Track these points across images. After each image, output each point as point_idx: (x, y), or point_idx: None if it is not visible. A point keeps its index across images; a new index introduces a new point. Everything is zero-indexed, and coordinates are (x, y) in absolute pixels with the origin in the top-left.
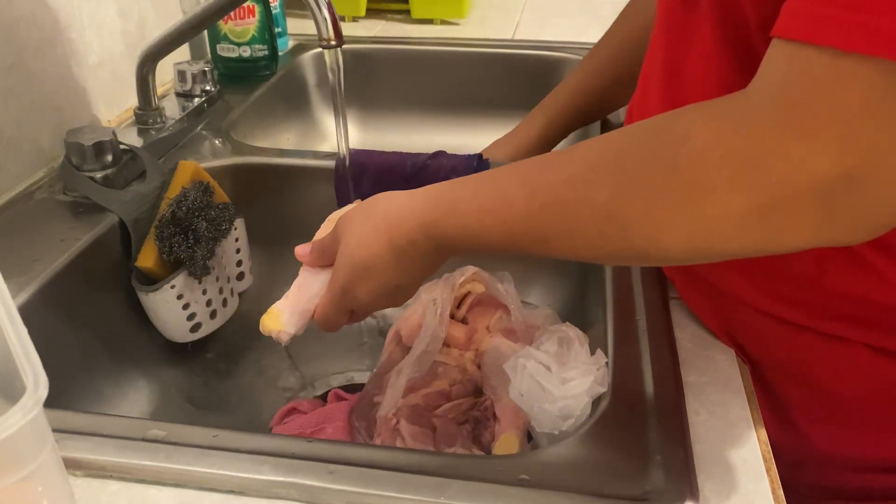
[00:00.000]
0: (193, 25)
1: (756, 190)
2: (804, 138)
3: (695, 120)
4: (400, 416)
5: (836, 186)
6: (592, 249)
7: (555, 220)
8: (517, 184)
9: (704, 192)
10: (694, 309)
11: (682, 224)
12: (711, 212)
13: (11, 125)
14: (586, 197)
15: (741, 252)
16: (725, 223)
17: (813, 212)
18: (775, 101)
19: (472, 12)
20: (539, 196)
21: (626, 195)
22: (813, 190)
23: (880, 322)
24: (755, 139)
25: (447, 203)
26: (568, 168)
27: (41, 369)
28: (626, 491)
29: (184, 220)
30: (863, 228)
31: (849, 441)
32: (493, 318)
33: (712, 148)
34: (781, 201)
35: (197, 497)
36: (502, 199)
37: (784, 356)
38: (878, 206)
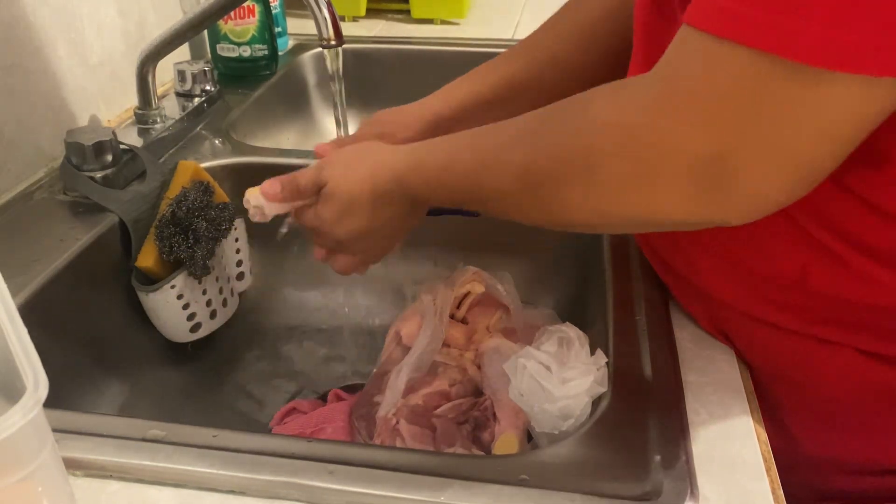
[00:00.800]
0: (193, 25)
1: (635, 159)
2: (677, 115)
3: (597, 93)
4: (400, 416)
5: (707, 164)
6: (517, 206)
7: (487, 178)
8: (467, 146)
9: (593, 155)
10: (689, 310)
11: (578, 186)
12: (597, 175)
13: (11, 125)
14: (508, 159)
15: (630, 219)
16: (610, 187)
17: (686, 186)
18: (660, 78)
19: (472, 12)
20: (479, 156)
21: (535, 156)
22: (684, 165)
23: (867, 325)
24: (638, 111)
25: (416, 159)
26: (503, 133)
27: (41, 369)
28: (626, 491)
29: (184, 219)
30: (740, 209)
31: (840, 444)
32: (493, 318)
33: (604, 117)
34: (656, 172)
35: (197, 497)
36: (454, 158)
37: (774, 359)
38: (750, 187)
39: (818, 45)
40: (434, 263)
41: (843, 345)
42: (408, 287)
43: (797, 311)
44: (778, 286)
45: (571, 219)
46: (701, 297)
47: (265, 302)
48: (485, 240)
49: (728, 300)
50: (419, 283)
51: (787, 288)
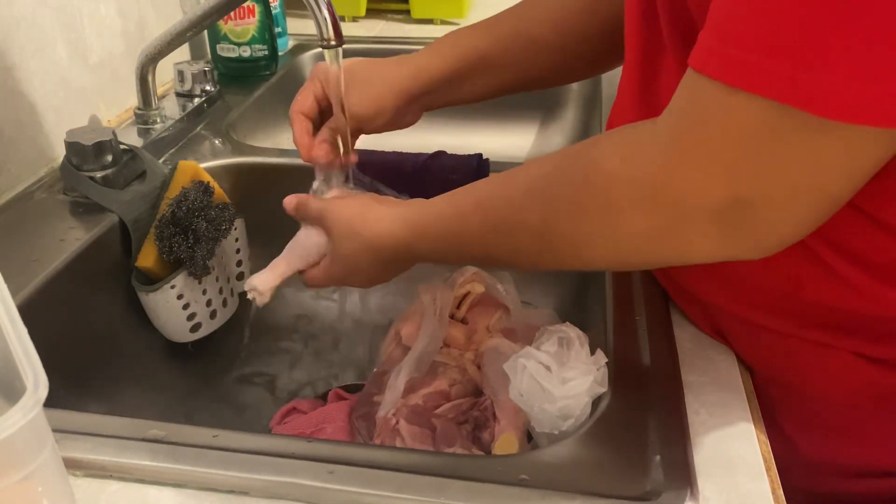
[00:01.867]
0: (193, 25)
1: (656, 211)
2: (695, 165)
3: (607, 146)
4: (399, 417)
5: (728, 209)
6: (532, 264)
7: (501, 240)
8: (473, 207)
9: (614, 213)
10: (687, 313)
11: (599, 242)
12: (621, 231)
13: (11, 125)
14: (522, 220)
15: (655, 263)
16: (634, 240)
17: (709, 231)
18: (673, 127)
19: (472, 12)
20: (489, 218)
21: (552, 218)
22: (706, 212)
23: (862, 330)
24: (654, 164)
25: (419, 227)
26: (510, 191)
27: (41, 369)
28: (626, 491)
29: (184, 220)
30: (762, 245)
31: (836, 446)
32: (492, 318)
33: (618, 172)
34: (679, 222)
35: (197, 497)
36: (461, 223)
37: (770, 362)
38: (771, 227)
39: (841, 99)
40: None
41: (838, 348)
42: (408, 287)
43: (792, 317)
44: (773, 295)
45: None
46: (695, 301)
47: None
48: None
49: (721, 304)
50: (419, 282)
51: (781, 297)
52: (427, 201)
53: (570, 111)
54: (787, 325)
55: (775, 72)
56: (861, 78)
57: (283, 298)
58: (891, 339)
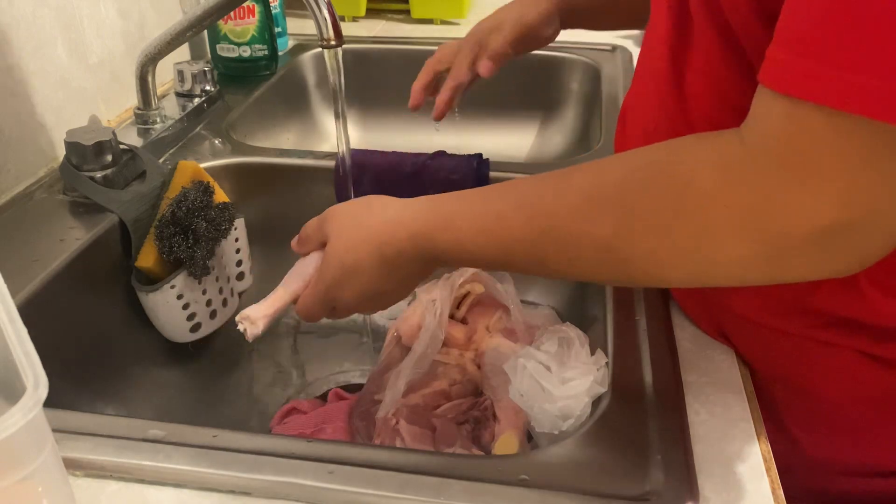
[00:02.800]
0: (193, 25)
1: (760, 238)
2: (806, 190)
3: (697, 162)
4: (399, 417)
5: (833, 235)
6: (591, 275)
7: (554, 246)
8: (514, 206)
9: (708, 238)
10: (689, 313)
11: (684, 263)
12: (715, 256)
13: (11, 125)
14: (587, 231)
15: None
16: (727, 266)
17: (812, 255)
18: (777, 152)
19: (472, 12)
20: (537, 222)
21: (628, 234)
22: (814, 237)
23: (867, 330)
24: (759, 190)
25: (443, 216)
26: (567, 197)
27: (41, 369)
28: (626, 491)
29: (184, 219)
30: (857, 264)
31: (837, 446)
32: (492, 318)
33: (717, 196)
34: (783, 248)
35: (197, 497)
36: (499, 220)
37: (773, 361)
38: (871, 246)
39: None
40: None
41: (843, 347)
42: None
43: (796, 316)
44: (784, 299)
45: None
46: (700, 300)
47: None
48: None
49: (727, 303)
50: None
51: (792, 300)
52: (450, 194)
53: (570, 111)
54: (791, 324)
55: (882, 91)
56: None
57: None
58: (894, 340)
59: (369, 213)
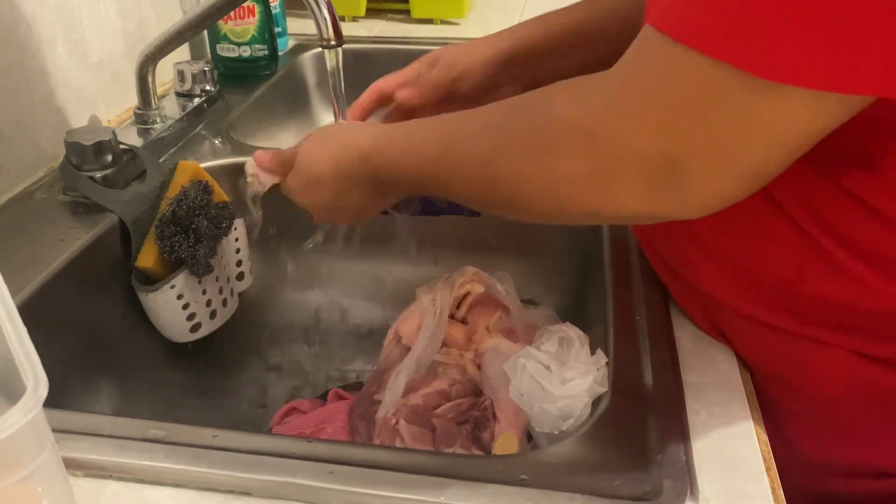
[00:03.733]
0: (193, 25)
1: (590, 157)
2: (632, 115)
3: (560, 89)
4: (399, 417)
5: (658, 166)
6: (478, 196)
7: (450, 166)
8: (432, 132)
9: (553, 154)
10: (686, 310)
11: (537, 181)
12: (556, 172)
13: (11, 125)
14: (472, 149)
15: (586, 214)
16: (566, 183)
17: (638, 184)
18: (618, 76)
19: (472, 12)
20: (442, 144)
21: (498, 150)
22: (635, 163)
23: (863, 328)
24: (596, 110)
25: (381, 141)
26: (468, 123)
27: (41, 369)
28: (626, 491)
29: (184, 219)
30: (687, 205)
31: (835, 446)
32: (492, 318)
33: (561, 114)
34: (609, 170)
35: (197, 497)
36: (419, 144)
37: (769, 360)
38: (699, 188)
39: (770, 58)
40: (434, 263)
41: (837, 346)
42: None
43: (791, 312)
44: (773, 286)
45: (529, 210)
46: (698, 296)
47: (265, 302)
48: (485, 240)
49: (723, 299)
50: (419, 283)
51: (782, 288)
52: (397, 123)
53: None
54: (788, 321)
55: (714, 27)
56: (799, 40)
57: (283, 298)
58: (890, 338)
59: (336, 132)
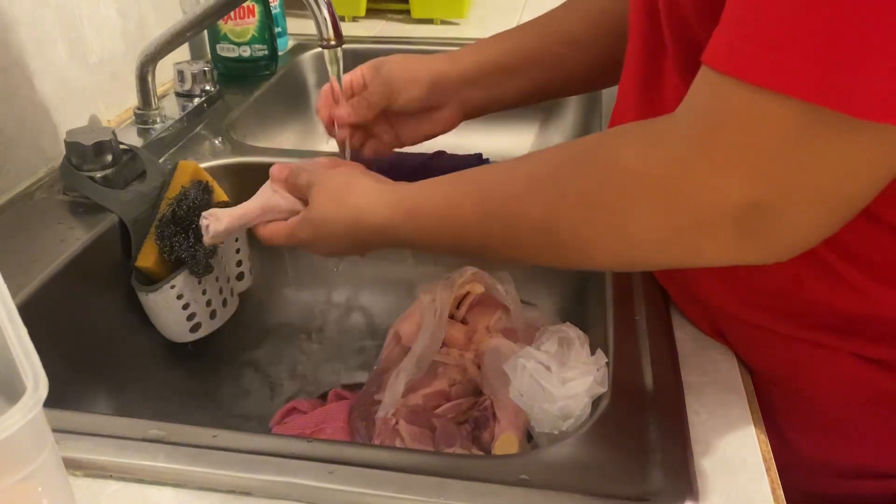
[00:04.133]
0: (193, 25)
1: (673, 212)
2: (718, 167)
3: (624, 142)
4: (399, 417)
5: (748, 213)
6: (531, 258)
7: (497, 229)
8: (467, 192)
9: (627, 213)
10: (687, 313)
11: (608, 241)
12: (634, 231)
13: (11, 125)
14: (525, 211)
15: (664, 266)
16: (647, 242)
17: (727, 234)
18: (695, 127)
19: (472, 12)
20: (485, 207)
21: (558, 212)
22: (726, 215)
23: (862, 331)
24: (675, 163)
25: (406, 209)
26: (512, 180)
27: (41, 369)
28: (626, 491)
29: (185, 219)
30: (777, 250)
31: (833, 447)
32: (492, 318)
33: (637, 169)
34: (697, 224)
35: (197, 497)
36: (454, 208)
37: (769, 362)
38: (790, 232)
39: (875, 98)
40: (434, 263)
41: (837, 349)
42: (408, 287)
43: (791, 317)
44: (772, 294)
45: (596, 266)
46: (697, 301)
47: (265, 302)
48: None
49: (722, 304)
50: (419, 283)
51: (781, 296)
52: (420, 182)
53: (570, 111)
54: (787, 325)
55: (805, 71)
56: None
57: (283, 298)
58: (889, 340)
59: (349, 193)
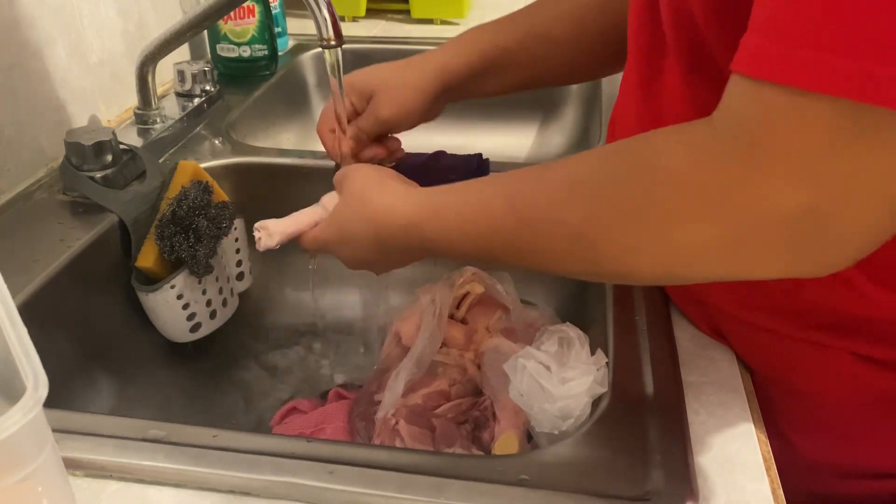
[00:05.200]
0: (193, 25)
1: (722, 221)
2: (769, 174)
3: (667, 147)
4: (399, 417)
5: (801, 222)
6: (564, 267)
7: (530, 236)
8: (498, 195)
9: (672, 220)
10: (686, 313)
11: (649, 250)
12: (678, 240)
13: (11, 125)
14: (559, 217)
15: (710, 278)
16: (691, 252)
17: (779, 245)
18: (741, 135)
19: (472, 12)
20: (517, 211)
21: (596, 219)
22: (778, 224)
23: (862, 331)
24: (723, 172)
25: (432, 207)
26: (545, 185)
27: (41, 369)
28: (626, 491)
29: (184, 219)
30: (831, 262)
31: (832, 447)
32: (492, 318)
33: (682, 178)
34: (747, 234)
35: (197, 497)
36: (483, 210)
37: (768, 362)
38: (846, 239)
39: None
40: (434, 263)
41: (836, 348)
42: (408, 287)
43: (790, 317)
44: (771, 294)
45: (638, 279)
46: (697, 301)
47: (265, 302)
48: None
49: (722, 305)
50: (419, 283)
51: (781, 296)
52: (448, 185)
53: (570, 111)
54: (785, 325)
55: (849, 69)
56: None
57: (283, 298)
58: (889, 341)
59: (378, 191)
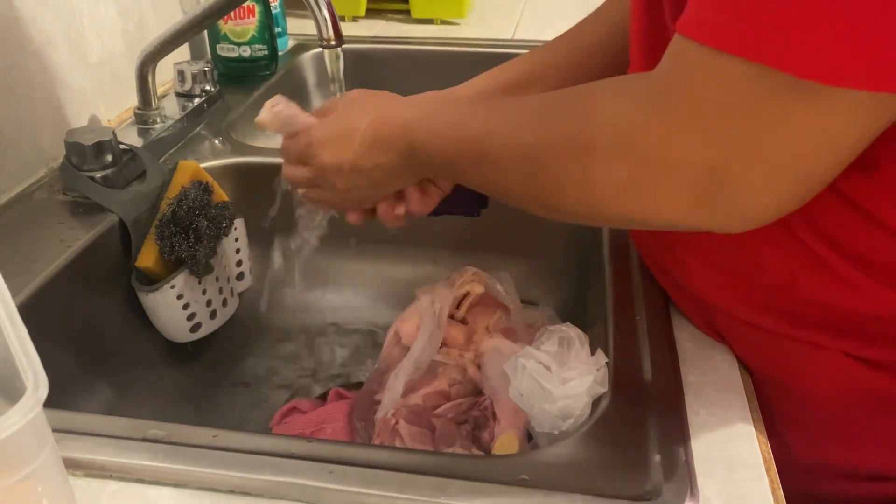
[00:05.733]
0: (193, 25)
1: (631, 161)
2: (679, 126)
3: (607, 92)
4: (399, 417)
5: (706, 176)
6: (515, 188)
7: (494, 150)
8: (480, 111)
9: (592, 154)
10: (688, 314)
11: (575, 180)
12: (596, 175)
13: (11, 125)
14: (518, 136)
15: (624, 219)
16: (606, 190)
17: (682, 193)
18: (659, 86)
19: (472, 12)
20: (489, 125)
21: (543, 143)
22: (680, 173)
23: (857, 331)
24: (641, 119)
25: (427, 112)
26: (516, 110)
27: (41, 369)
28: (626, 491)
29: (185, 219)
30: (735, 218)
31: (827, 448)
32: (492, 318)
33: (606, 119)
34: (654, 179)
35: (197, 497)
36: (466, 119)
37: (765, 363)
38: (748, 200)
39: (821, 61)
40: (434, 263)
41: (831, 349)
42: (408, 287)
43: (786, 315)
44: (767, 290)
45: (564, 209)
46: (693, 301)
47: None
48: (485, 240)
49: (720, 304)
50: (419, 283)
51: (776, 292)
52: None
53: None
54: (781, 324)
55: (753, 32)
56: (845, 39)
57: (283, 298)
58: (884, 341)
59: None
